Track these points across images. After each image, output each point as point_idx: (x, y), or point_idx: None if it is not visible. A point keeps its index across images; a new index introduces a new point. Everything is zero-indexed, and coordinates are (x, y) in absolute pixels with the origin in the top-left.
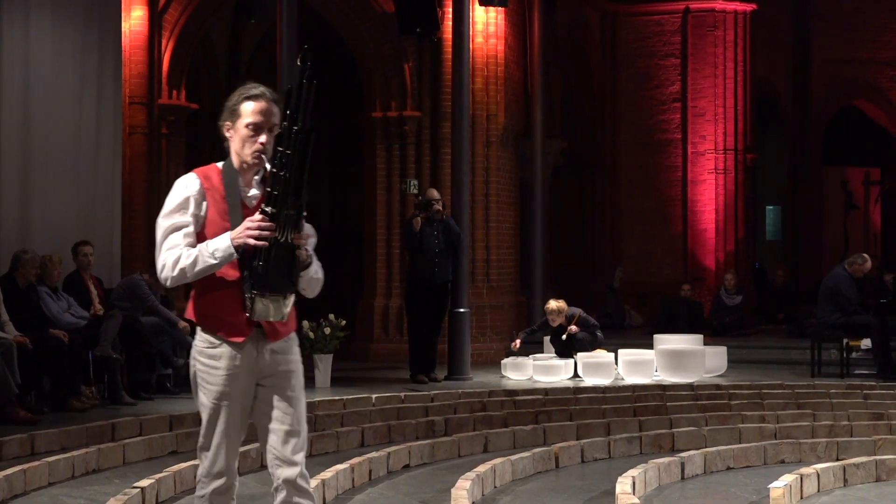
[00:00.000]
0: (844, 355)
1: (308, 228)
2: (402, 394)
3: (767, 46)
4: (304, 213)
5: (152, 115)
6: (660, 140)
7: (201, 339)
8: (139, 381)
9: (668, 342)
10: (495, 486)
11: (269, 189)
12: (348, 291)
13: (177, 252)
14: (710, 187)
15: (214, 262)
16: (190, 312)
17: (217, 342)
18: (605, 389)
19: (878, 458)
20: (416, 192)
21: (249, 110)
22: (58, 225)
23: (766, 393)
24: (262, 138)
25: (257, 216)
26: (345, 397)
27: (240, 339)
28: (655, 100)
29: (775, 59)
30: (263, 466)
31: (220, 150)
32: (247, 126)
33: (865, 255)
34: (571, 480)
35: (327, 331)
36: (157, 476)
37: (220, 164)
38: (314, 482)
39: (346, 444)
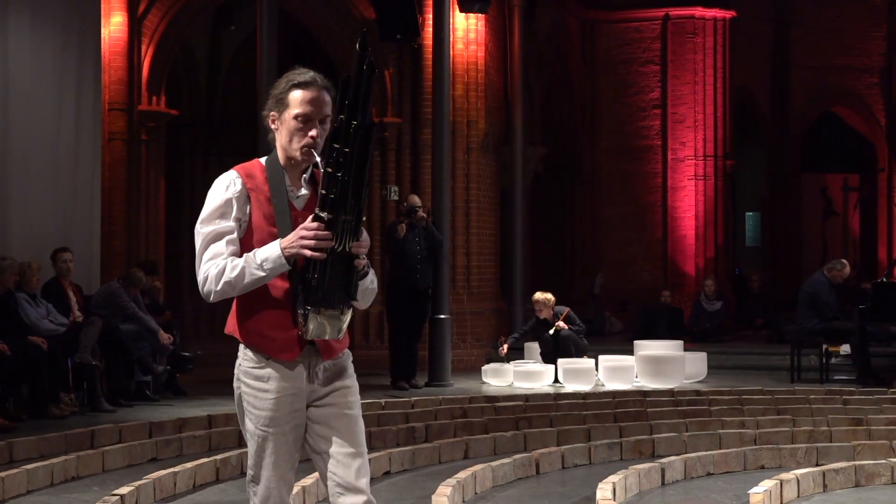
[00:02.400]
0: (824, 361)
1: (363, 235)
2: (383, 400)
3: (747, 53)
4: (364, 219)
5: (132, 121)
6: (640, 146)
7: (246, 358)
8: (118, 388)
9: (648, 348)
10: (476, 493)
11: (323, 192)
12: None
13: (220, 263)
14: (690, 193)
15: (263, 274)
16: (231, 328)
17: (264, 361)
18: (585, 395)
19: (857, 463)
20: (396, 198)
21: (298, 99)
22: (37, 231)
23: (745, 398)
24: (313, 131)
25: (312, 223)
26: None
27: (290, 358)
28: (635, 106)
29: (755, 66)
30: (243, 473)
31: (200, 156)
32: (295, 117)
33: (844, 260)
34: (552, 486)
35: None
36: (137, 483)
37: (262, 161)
38: (294, 489)
39: None
